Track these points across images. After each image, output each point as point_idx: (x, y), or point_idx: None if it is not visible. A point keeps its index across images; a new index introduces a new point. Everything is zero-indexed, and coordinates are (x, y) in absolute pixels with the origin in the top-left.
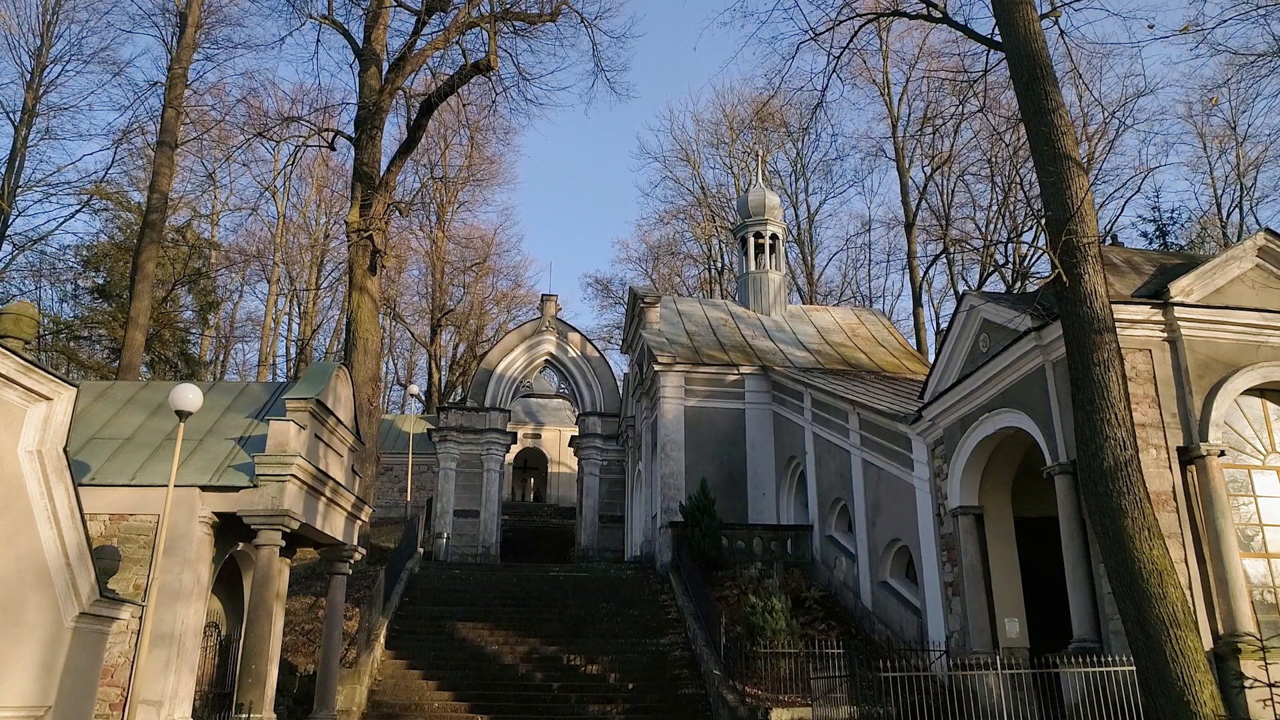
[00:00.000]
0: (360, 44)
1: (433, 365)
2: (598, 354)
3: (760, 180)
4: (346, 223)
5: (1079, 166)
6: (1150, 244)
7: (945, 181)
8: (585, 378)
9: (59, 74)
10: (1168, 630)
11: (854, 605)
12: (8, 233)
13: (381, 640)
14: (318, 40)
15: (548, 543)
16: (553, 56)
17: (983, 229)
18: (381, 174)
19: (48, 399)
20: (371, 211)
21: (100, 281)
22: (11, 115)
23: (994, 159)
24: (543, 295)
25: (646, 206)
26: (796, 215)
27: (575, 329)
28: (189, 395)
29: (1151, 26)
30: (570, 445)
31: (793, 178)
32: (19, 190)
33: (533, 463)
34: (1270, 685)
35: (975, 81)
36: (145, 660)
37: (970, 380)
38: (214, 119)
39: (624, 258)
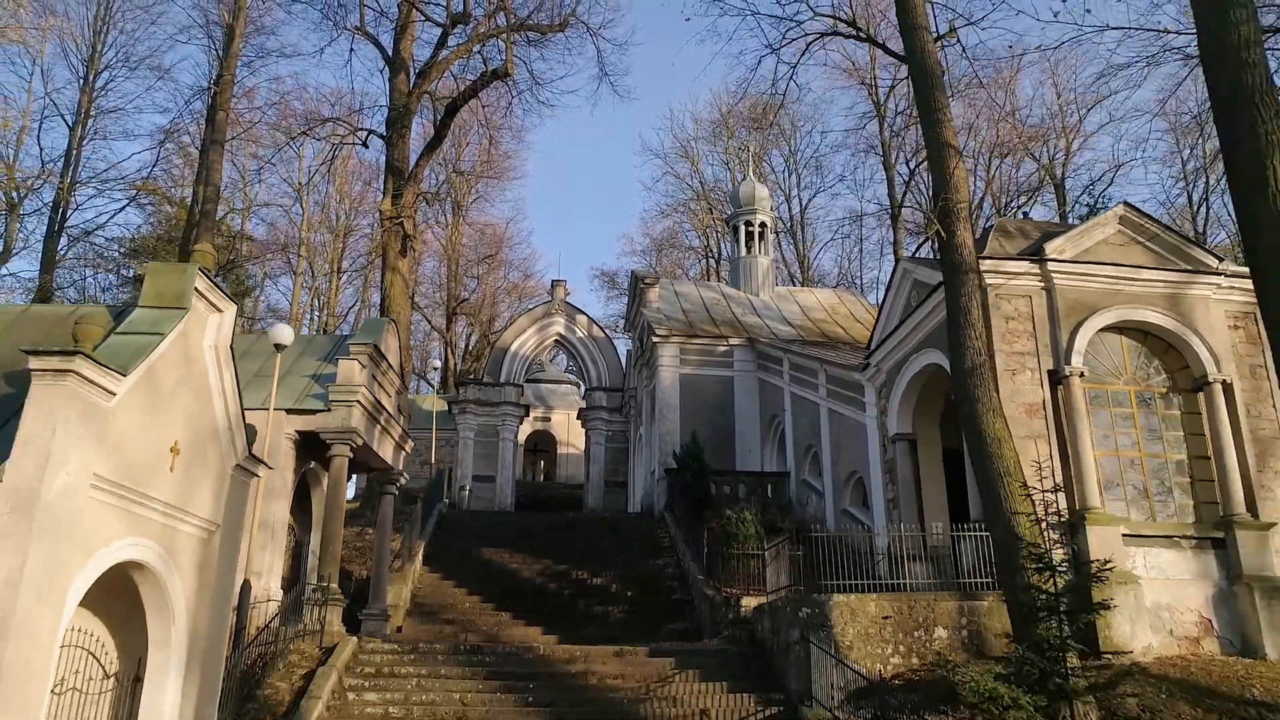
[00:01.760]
0: (390, 53)
1: (448, 352)
2: (603, 334)
3: (751, 174)
4: (380, 211)
5: (955, 150)
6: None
7: (929, 174)
8: (592, 356)
9: (109, 80)
10: (1002, 479)
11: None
12: (66, 226)
13: (419, 558)
14: (351, 50)
15: (557, 506)
16: (562, 63)
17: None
18: (411, 168)
19: (221, 310)
20: (402, 201)
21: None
22: (67, 117)
23: (976, 153)
24: (552, 280)
25: (649, 201)
26: (790, 208)
27: (582, 311)
28: (284, 332)
29: (1011, 47)
30: (578, 418)
31: (786, 173)
32: (76, 186)
33: (542, 445)
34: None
35: (894, 86)
36: (254, 540)
37: (902, 329)
38: (248, 121)
39: (629, 251)
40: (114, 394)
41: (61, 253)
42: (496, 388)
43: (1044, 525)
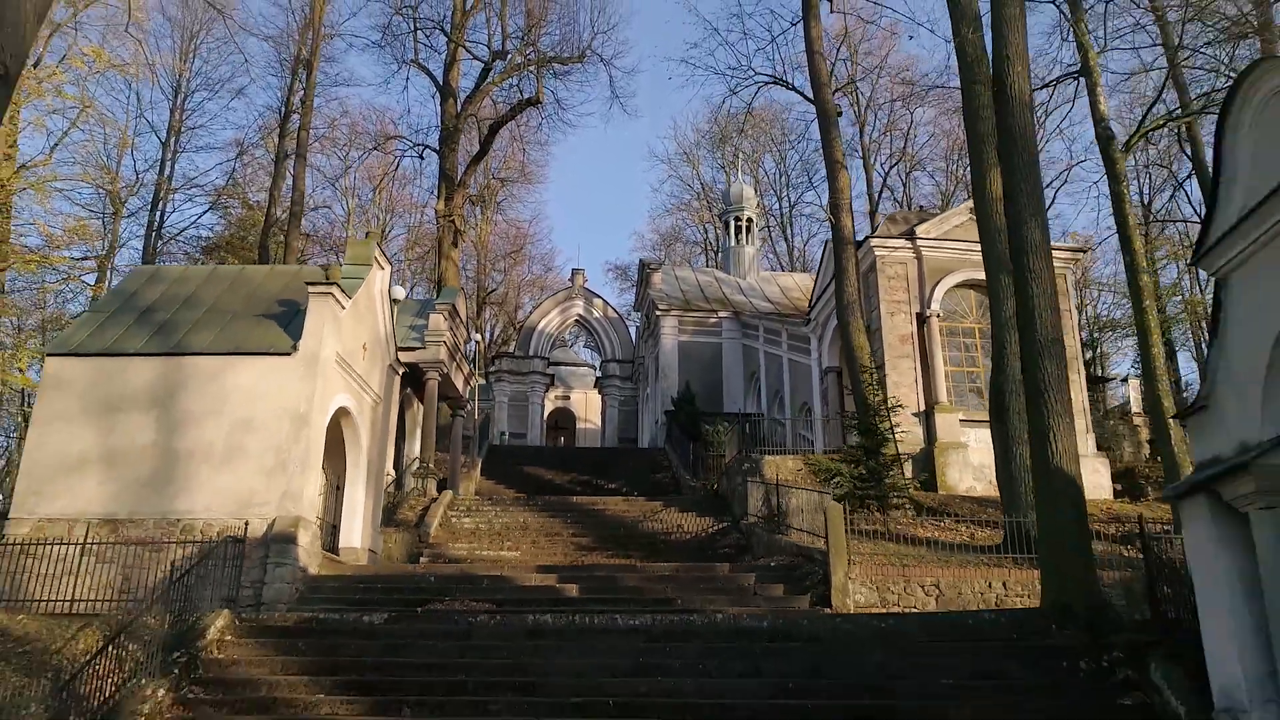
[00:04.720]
0: (440, 82)
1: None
2: (616, 314)
3: (740, 176)
4: (436, 211)
5: (841, 164)
6: None
7: (904, 175)
8: (606, 333)
9: (196, 102)
10: (860, 370)
11: None
12: (162, 228)
13: (479, 468)
14: (406, 79)
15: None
16: (581, 90)
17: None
18: (459, 176)
19: (383, 269)
20: (453, 203)
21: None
22: (159, 133)
23: (947, 155)
24: (573, 269)
25: (655, 201)
26: (780, 207)
27: (599, 295)
28: (399, 291)
29: (897, 100)
30: (595, 387)
31: (777, 174)
32: (171, 193)
33: (563, 422)
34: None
35: (811, 123)
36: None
37: (828, 291)
38: (312, 137)
39: (638, 247)
40: (344, 308)
41: (159, 250)
42: (526, 359)
43: (874, 388)
